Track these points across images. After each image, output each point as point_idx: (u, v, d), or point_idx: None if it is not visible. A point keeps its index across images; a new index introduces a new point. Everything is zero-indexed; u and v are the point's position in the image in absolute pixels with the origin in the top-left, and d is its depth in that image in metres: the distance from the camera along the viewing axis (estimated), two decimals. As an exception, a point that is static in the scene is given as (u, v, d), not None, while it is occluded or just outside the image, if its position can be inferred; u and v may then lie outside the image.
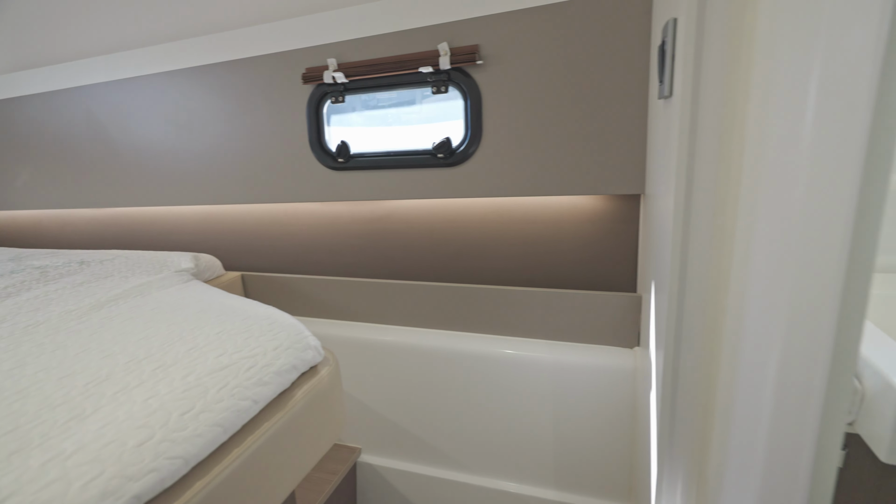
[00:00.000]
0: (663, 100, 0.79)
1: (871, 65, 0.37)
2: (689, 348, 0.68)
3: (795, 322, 0.45)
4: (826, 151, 0.41)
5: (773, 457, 0.50)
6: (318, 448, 0.78)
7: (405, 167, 1.30)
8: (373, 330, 1.43)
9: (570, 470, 1.24)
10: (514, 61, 1.15)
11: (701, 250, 0.64)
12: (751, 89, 0.56)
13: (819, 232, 0.42)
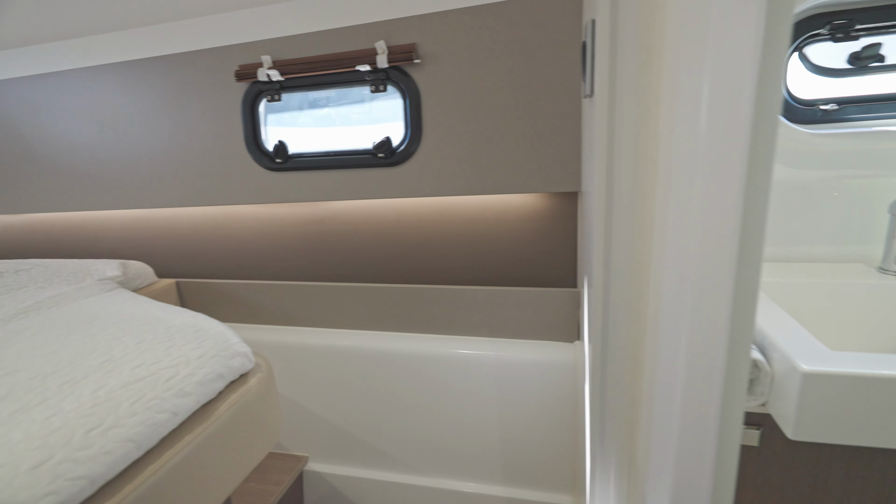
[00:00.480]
0: (587, 98, 0.81)
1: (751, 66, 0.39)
2: (616, 340, 0.70)
3: (697, 312, 0.48)
4: (714, 149, 0.43)
5: (684, 439, 0.52)
6: (249, 459, 0.75)
7: (346, 167, 1.28)
8: (318, 334, 1.39)
9: (516, 465, 1.25)
10: (452, 60, 1.15)
11: (623, 245, 0.67)
12: (661, 90, 0.58)
13: (713, 226, 0.44)
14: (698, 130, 0.47)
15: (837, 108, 0.95)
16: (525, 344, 1.24)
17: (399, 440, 1.33)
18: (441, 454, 1.30)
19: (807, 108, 0.97)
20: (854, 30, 0.89)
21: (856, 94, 0.95)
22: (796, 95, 0.97)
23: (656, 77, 0.60)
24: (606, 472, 0.79)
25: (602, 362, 0.72)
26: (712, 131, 0.44)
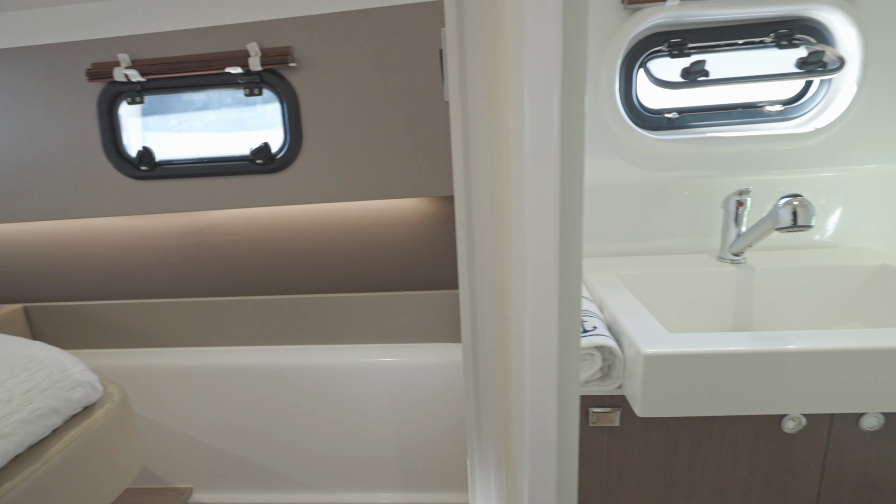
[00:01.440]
0: (447, 104, 0.84)
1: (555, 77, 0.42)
2: (484, 339, 0.73)
3: (535, 309, 0.51)
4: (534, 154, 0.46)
5: (534, 427, 0.55)
6: (99, 499, 0.67)
7: (222, 174, 1.20)
8: (199, 354, 1.29)
9: (414, 470, 1.25)
10: (329, 65, 1.13)
11: (485, 247, 0.69)
12: (508, 97, 0.61)
13: (540, 226, 0.47)
14: (523, 139, 0.50)
15: (678, 116, 1.07)
16: (417, 347, 1.24)
17: (293, 458, 1.28)
18: (337, 467, 1.27)
19: (655, 117, 1.08)
20: (687, 48, 1.01)
21: (692, 104, 1.08)
22: (645, 105, 1.08)
23: (503, 84, 0.63)
24: (486, 467, 0.81)
25: (473, 361, 0.74)
26: (531, 139, 0.47)
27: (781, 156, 1.04)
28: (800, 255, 1.06)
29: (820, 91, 1.04)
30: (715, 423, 0.77)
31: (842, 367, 0.68)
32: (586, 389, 0.77)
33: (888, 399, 0.69)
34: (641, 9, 0.96)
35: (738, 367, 0.68)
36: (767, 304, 1.00)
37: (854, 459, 0.76)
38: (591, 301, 0.88)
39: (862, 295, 0.99)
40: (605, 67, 1.00)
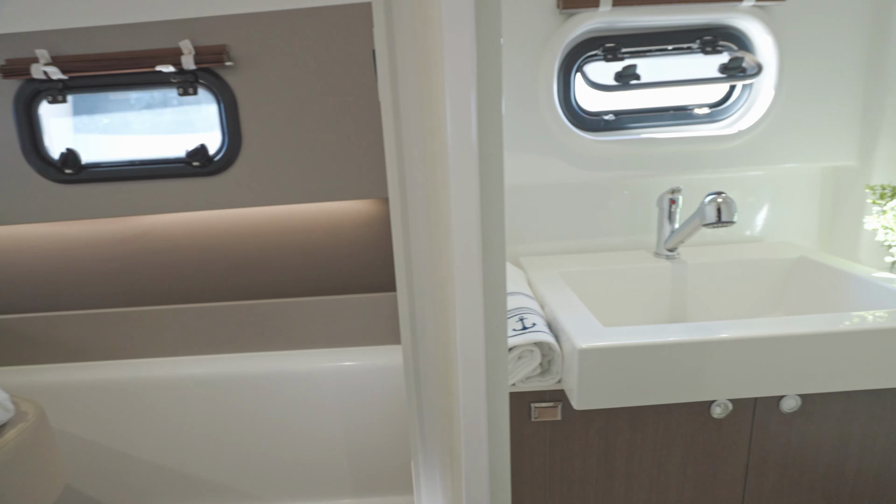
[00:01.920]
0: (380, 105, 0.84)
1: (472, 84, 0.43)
2: (425, 340, 0.73)
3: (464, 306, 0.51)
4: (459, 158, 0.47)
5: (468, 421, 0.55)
6: (13, 528, 0.62)
7: (157, 178, 1.15)
8: (135, 367, 1.23)
9: (364, 474, 1.24)
10: (268, 65, 1.11)
11: (423, 248, 0.69)
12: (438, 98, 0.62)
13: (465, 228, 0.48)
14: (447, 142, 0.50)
15: (615, 118, 1.11)
16: (365, 351, 1.23)
17: (239, 470, 1.24)
18: (286, 477, 1.24)
19: (593, 119, 1.11)
20: (621, 52, 1.05)
21: (629, 106, 1.12)
22: (584, 107, 1.11)
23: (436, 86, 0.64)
24: (431, 467, 0.81)
25: (414, 363, 0.74)
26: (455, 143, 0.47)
27: (710, 156, 1.09)
28: (730, 249, 1.12)
29: (742, 95, 1.11)
30: (650, 412, 0.80)
31: (763, 354, 0.72)
32: (527, 385, 0.78)
33: (804, 381, 0.74)
34: (576, 14, 0.99)
35: (668, 357, 0.71)
36: (699, 296, 1.05)
37: (776, 440, 0.81)
38: (534, 299, 0.90)
39: (784, 285, 1.05)
40: (543, 70, 1.03)
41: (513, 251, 1.17)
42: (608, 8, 0.97)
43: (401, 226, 0.69)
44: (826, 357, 0.73)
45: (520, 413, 0.80)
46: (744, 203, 1.18)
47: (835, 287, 0.95)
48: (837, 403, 0.79)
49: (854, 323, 0.72)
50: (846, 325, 0.72)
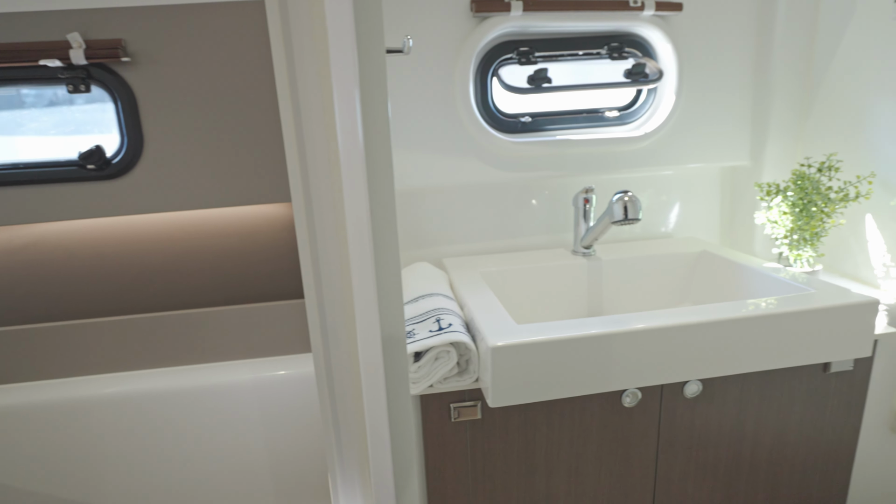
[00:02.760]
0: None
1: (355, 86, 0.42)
2: (337, 345, 0.71)
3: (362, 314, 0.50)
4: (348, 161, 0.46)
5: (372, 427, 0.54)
6: None
7: (45, 182, 1.05)
8: (30, 391, 1.11)
9: (288, 486, 1.19)
10: (170, 62, 1.04)
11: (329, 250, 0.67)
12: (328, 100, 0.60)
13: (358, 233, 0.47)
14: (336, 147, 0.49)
15: (531, 120, 1.14)
16: (286, 360, 1.18)
17: (157, 495, 1.15)
18: (206, 497, 1.17)
19: (511, 120, 1.13)
20: (534, 56, 1.08)
21: (545, 109, 1.15)
22: (502, 109, 1.13)
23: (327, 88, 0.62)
24: (349, 475, 0.79)
25: (326, 371, 0.71)
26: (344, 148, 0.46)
27: (621, 156, 1.15)
28: (641, 245, 1.18)
29: (648, 99, 1.17)
30: (566, 405, 0.82)
31: (666, 343, 0.76)
32: (445, 386, 0.78)
33: (704, 367, 0.79)
34: (489, 17, 1.01)
35: (578, 350, 0.73)
36: (614, 290, 1.10)
37: (681, 424, 0.86)
38: (453, 299, 0.90)
39: (689, 278, 1.12)
40: (459, 73, 1.03)
41: (436, 252, 1.17)
42: (519, 13, 0.99)
43: (306, 230, 0.66)
44: (723, 343, 0.78)
45: (440, 414, 0.80)
46: (657, 201, 1.25)
47: (732, 278, 1.02)
48: (734, 386, 0.85)
49: (747, 310, 0.78)
50: (740, 312, 0.77)
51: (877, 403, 0.96)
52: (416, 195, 1.13)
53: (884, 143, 0.95)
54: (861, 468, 1.01)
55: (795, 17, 1.07)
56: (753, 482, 0.92)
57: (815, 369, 0.87)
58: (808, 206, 0.94)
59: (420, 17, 1.00)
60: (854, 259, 1.04)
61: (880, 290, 0.99)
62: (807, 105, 1.12)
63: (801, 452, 0.91)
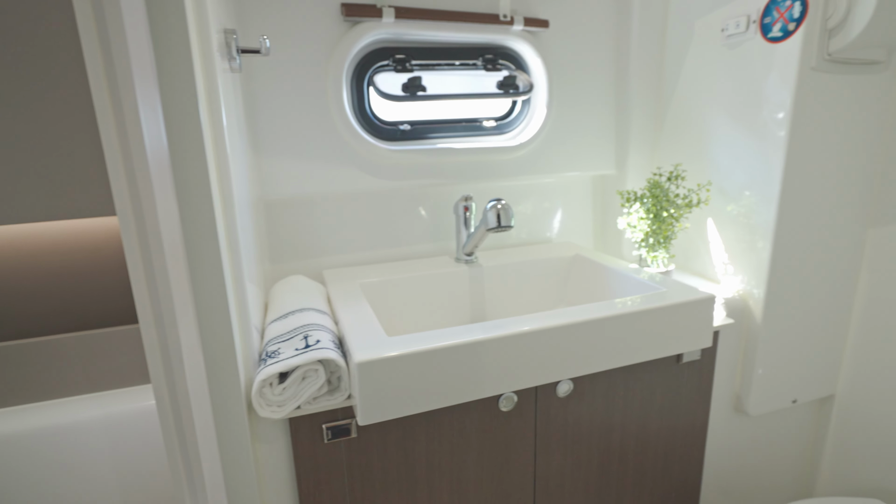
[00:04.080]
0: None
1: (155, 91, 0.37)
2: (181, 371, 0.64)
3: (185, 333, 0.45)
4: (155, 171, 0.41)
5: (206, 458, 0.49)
6: None
7: None
8: None
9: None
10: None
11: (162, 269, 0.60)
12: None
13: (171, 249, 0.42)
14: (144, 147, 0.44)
15: (411, 128, 1.13)
16: (139, 391, 1.06)
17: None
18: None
19: (390, 128, 1.12)
20: (410, 64, 1.07)
21: (425, 118, 1.15)
22: (381, 117, 1.11)
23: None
24: None
25: (171, 400, 0.64)
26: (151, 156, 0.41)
27: (500, 165, 1.18)
28: (521, 251, 1.22)
29: (523, 110, 1.22)
30: (445, 415, 0.81)
31: (537, 345, 0.78)
32: (315, 406, 0.73)
33: (574, 366, 0.82)
34: (361, 22, 0.99)
35: (451, 359, 0.73)
36: (496, 296, 1.12)
37: (556, 423, 0.89)
38: (326, 314, 0.86)
39: (565, 281, 1.18)
40: (332, 78, 1.00)
41: (317, 264, 1.11)
42: (391, 20, 0.98)
43: (137, 246, 0.59)
44: (589, 342, 0.81)
45: (312, 436, 0.75)
46: (540, 208, 1.30)
47: (600, 280, 1.09)
48: (602, 383, 0.90)
49: (608, 311, 0.82)
50: (602, 313, 0.82)
51: (721, 388, 1.08)
52: (293, 204, 1.07)
53: (719, 155, 1.08)
54: (712, 445, 1.12)
55: (646, 40, 1.18)
56: (623, 470, 0.98)
57: (670, 361, 0.95)
58: (660, 212, 1.03)
59: (288, 19, 0.96)
60: (702, 258, 1.16)
61: (720, 284, 1.11)
62: (660, 119, 1.23)
63: (662, 437, 0.99)
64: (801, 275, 1.03)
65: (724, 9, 1.02)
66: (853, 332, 1.13)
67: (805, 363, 1.10)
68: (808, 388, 1.13)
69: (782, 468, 1.24)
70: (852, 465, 1.18)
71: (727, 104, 1.04)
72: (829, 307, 1.09)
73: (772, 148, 0.95)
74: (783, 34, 0.90)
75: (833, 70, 0.92)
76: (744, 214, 1.03)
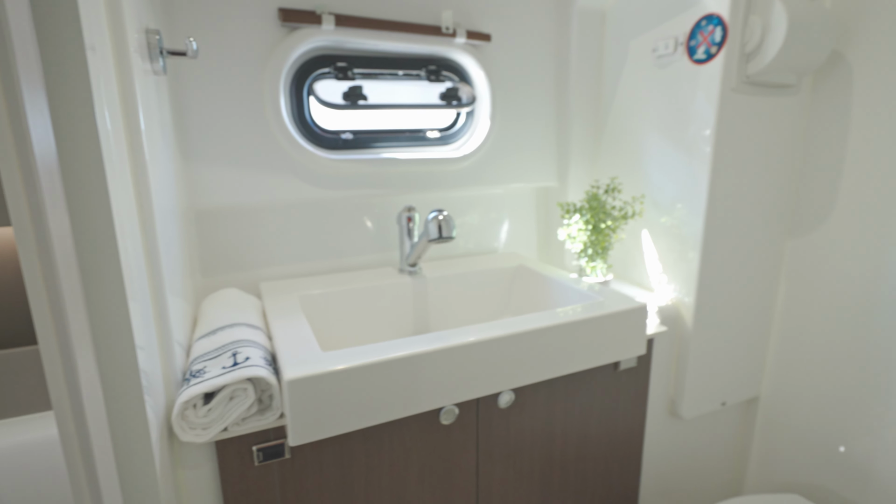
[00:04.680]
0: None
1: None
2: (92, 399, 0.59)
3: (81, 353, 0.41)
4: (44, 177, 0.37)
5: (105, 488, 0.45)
6: None
7: None
8: None
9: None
10: None
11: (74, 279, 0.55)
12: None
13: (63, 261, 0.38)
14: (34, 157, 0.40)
15: (353, 137, 1.11)
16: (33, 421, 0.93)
17: None
18: None
19: (331, 137, 1.09)
20: (352, 72, 1.06)
21: (368, 127, 1.14)
22: (322, 125, 1.09)
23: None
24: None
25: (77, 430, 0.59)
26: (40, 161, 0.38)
27: (445, 175, 1.18)
28: (465, 261, 1.22)
29: (466, 122, 1.23)
30: (384, 431, 0.79)
31: (478, 357, 0.78)
32: (245, 427, 0.69)
33: (516, 376, 0.82)
34: (299, 28, 0.97)
35: (389, 373, 0.71)
36: (440, 307, 1.12)
37: (498, 434, 0.89)
38: (259, 329, 0.82)
39: (508, 291, 1.19)
40: (268, 84, 0.97)
41: (253, 276, 1.07)
42: (331, 27, 0.97)
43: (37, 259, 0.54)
44: (529, 352, 0.82)
45: (241, 459, 0.71)
46: (486, 219, 1.31)
47: (542, 290, 1.10)
48: (542, 392, 0.91)
49: (552, 320, 0.83)
50: (541, 323, 0.82)
51: (657, 393, 1.11)
52: (227, 214, 1.02)
53: (653, 169, 1.12)
54: (649, 449, 1.16)
55: (585, 58, 1.22)
56: (565, 479, 0.99)
57: (608, 369, 0.97)
58: (598, 223, 1.06)
59: (222, 21, 0.92)
60: (638, 268, 1.21)
61: (654, 293, 1.16)
62: (599, 133, 1.28)
63: (602, 444, 1.01)
64: (727, 283, 1.08)
65: (655, 31, 1.07)
66: (774, 336, 1.21)
67: (732, 367, 1.16)
68: (735, 390, 1.19)
69: (714, 468, 1.30)
70: (776, 463, 1.25)
71: (659, 121, 1.09)
72: (753, 314, 1.15)
73: (699, 163, 1.01)
74: (707, 56, 0.95)
75: (751, 92, 0.98)
76: (675, 226, 1.08)
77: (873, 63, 0.98)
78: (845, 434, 1.10)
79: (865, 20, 0.98)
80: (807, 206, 1.11)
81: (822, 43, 0.94)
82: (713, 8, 0.93)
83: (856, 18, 0.99)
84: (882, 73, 0.97)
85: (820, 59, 0.97)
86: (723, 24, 0.92)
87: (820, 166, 1.08)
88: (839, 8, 1.01)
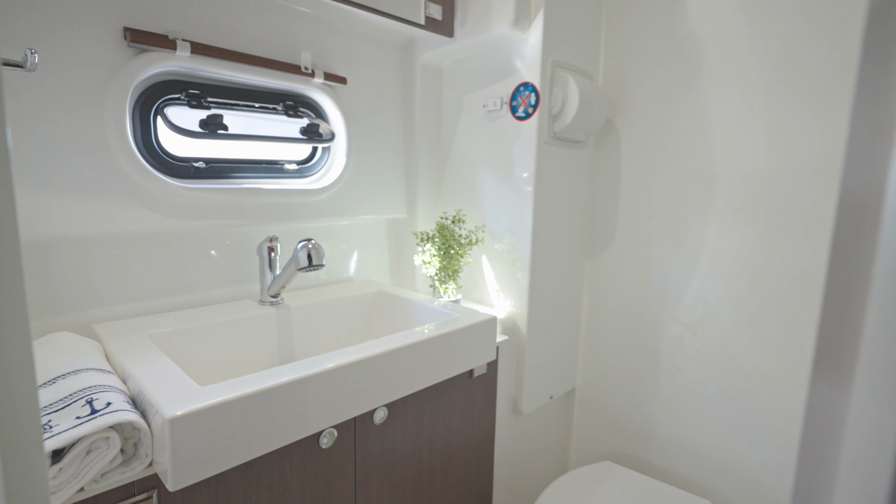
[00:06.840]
0: None
1: None
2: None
3: None
4: None
5: None
6: None
7: None
8: None
9: None
10: None
11: None
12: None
13: None
14: None
15: (206, 166, 1.07)
16: None
17: None
18: None
19: (182, 165, 1.04)
20: (206, 101, 1.03)
21: (223, 156, 1.11)
22: (171, 152, 1.02)
23: None
24: None
25: None
26: None
27: (303, 207, 1.20)
28: (326, 290, 1.25)
29: (324, 156, 1.28)
30: (263, 464, 0.77)
31: (352, 377, 0.82)
32: (105, 485, 0.62)
33: (388, 392, 0.88)
34: (149, 51, 0.92)
35: (271, 401, 0.71)
36: (304, 336, 1.12)
37: (374, 451, 0.94)
38: (111, 373, 0.74)
39: (369, 316, 1.26)
40: (111, 107, 0.89)
41: (86, 317, 0.94)
42: (187, 54, 0.94)
43: None
44: (398, 368, 0.89)
45: (97, 524, 0.63)
46: (339, 249, 1.36)
47: (401, 311, 1.20)
48: (411, 404, 0.99)
49: (414, 337, 0.93)
50: (406, 340, 0.91)
51: (502, 395, 1.29)
52: (56, 247, 0.89)
53: (488, 203, 1.33)
54: (499, 445, 1.32)
55: (427, 106, 1.39)
56: (433, 486, 1.07)
57: (465, 376, 1.10)
58: (448, 250, 1.21)
59: (59, 35, 0.82)
60: (480, 288, 1.39)
61: (494, 308, 1.35)
62: (441, 171, 1.45)
63: (462, 446, 1.13)
64: (549, 297, 1.33)
65: (485, 90, 1.30)
66: (583, 337, 1.51)
67: (556, 365, 1.41)
68: (559, 385, 1.44)
69: (546, 453, 1.53)
70: (591, 439, 1.54)
71: (492, 162, 1.31)
72: (567, 321, 1.43)
73: (524, 199, 1.23)
74: (525, 115, 1.20)
75: (558, 144, 1.25)
76: (508, 251, 1.29)
77: (631, 128, 1.34)
78: (635, 407, 1.42)
79: (625, 99, 1.34)
80: (598, 232, 1.44)
81: (601, 112, 1.27)
82: (528, 77, 1.18)
83: (620, 97, 1.35)
84: (637, 136, 1.33)
85: (600, 123, 1.29)
86: (536, 91, 1.17)
87: (603, 202, 1.42)
88: (608, 88, 1.37)
